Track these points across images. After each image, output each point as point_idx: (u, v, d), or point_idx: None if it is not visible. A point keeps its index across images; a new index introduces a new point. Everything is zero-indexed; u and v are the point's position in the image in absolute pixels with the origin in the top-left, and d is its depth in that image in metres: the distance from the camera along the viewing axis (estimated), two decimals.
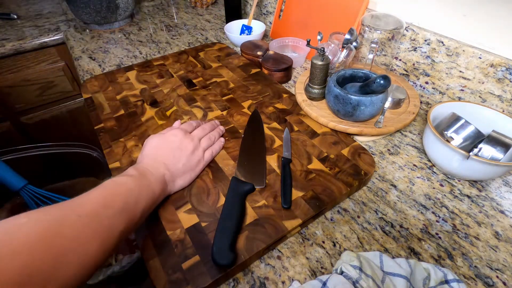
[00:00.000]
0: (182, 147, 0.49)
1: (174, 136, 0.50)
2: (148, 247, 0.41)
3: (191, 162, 0.49)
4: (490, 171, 0.46)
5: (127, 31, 1.09)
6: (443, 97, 0.67)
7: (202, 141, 0.53)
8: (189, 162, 0.49)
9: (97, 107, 0.68)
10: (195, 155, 0.50)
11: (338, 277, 0.36)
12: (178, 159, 0.48)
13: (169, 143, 0.49)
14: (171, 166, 0.47)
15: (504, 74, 0.56)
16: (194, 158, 0.50)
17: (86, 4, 0.99)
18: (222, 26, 1.11)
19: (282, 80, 0.78)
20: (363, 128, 0.57)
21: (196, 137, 0.52)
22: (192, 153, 0.49)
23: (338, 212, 0.48)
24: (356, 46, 0.67)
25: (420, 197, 0.50)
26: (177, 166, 0.47)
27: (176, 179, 0.47)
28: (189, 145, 0.50)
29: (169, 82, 0.75)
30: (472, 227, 0.45)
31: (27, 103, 1.16)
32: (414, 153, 0.58)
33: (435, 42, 0.65)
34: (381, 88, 0.52)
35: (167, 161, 0.47)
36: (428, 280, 0.38)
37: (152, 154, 0.47)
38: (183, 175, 0.48)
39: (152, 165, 0.45)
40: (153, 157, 0.47)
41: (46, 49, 1.09)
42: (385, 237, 0.44)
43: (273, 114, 0.64)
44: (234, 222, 0.42)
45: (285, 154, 0.54)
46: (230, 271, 0.39)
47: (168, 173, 0.46)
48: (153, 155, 0.47)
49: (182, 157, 0.48)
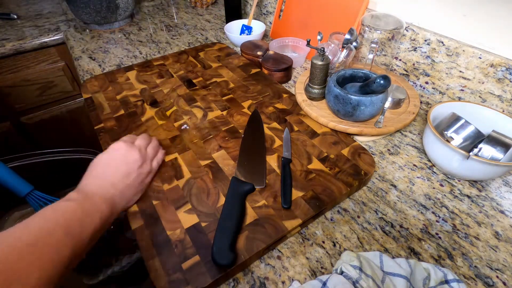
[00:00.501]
0: (130, 160, 0.46)
1: (118, 150, 0.46)
2: (148, 247, 0.41)
3: (141, 175, 0.47)
4: (490, 171, 0.46)
5: (127, 31, 1.09)
6: (443, 97, 0.67)
7: (148, 150, 0.50)
8: (139, 175, 0.46)
9: (97, 107, 0.68)
10: (144, 167, 0.47)
11: (338, 277, 0.36)
12: (126, 175, 0.45)
13: (114, 159, 0.46)
14: (120, 184, 0.44)
15: (504, 74, 0.56)
16: (144, 170, 0.47)
17: (86, 4, 0.99)
18: (222, 26, 1.11)
19: (282, 80, 0.78)
20: (363, 128, 0.57)
21: (142, 147, 0.49)
22: (141, 165, 0.47)
23: (338, 212, 0.48)
24: (356, 46, 0.67)
25: (420, 197, 0.50)
26: (126, 182, 0.44)
27: (127, 196, 0.45)
28: (137, 157, 0.47)
29: (169, 82, 0.75)
30: (472, 227, 0.45)
31: (27, 103, 1.16)
32: (414, 153, 0.58)
33: (435, 42, 0.65)
34: (381, 88, 0.52)
35: (115, 179, 0.44)
36: (428, 280, 0.38)
37: (99, 174, 0.44)
38: (134, 190, 0.46)
39: (99, 186, 0.42)
40: (100, 176, 0.44)
41: (46, 49, 1.09)
42: (385, 237, 0.44)
43: (273, 114, 0.64)
44: (234, 222, 0.42)
45: (285, 154, 0.54)
46: (230, 271, 0.39)
47: (116, 192, 0.43)
48: (100, 174, 0.44)
49: (131, 172, 0.45)
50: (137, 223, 0.44)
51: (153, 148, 0.51)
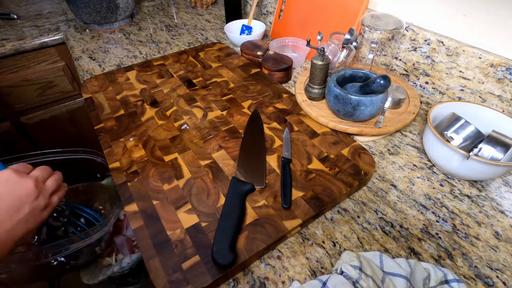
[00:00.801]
0: (21, 193, 0.40)
1: (6, 181, 0.40)
2: (148, 247, 0.41)
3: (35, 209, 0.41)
4: (490, 171, 0.46)
5: (127, 31, 1.09)
6: (443, 97, 0.67)
7: (47, 183, 0.45)
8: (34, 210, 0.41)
9: (97, 107, 0.68)
10: (39, 199, 0.42)
11: (338, 277, 0.36)
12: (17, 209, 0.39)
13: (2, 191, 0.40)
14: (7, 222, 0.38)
15: (504, 74, 0.56)
16: (40, 203, 0.42)
17: (86, 4, 0.99)
18: (222, 26, 1.11)
19: (282, 80, 0.78)
20: (363, 128, 0.57)
21: (39, 178, 0.44)
22: (36, 198, 0.41)
23: (338, 212, 0.48)
24: (356, 46, 0.67)
25: (420, 197, 0.50)
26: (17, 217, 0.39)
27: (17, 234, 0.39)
28: (31, 189, 0.41)
29: (169, 82, 0.75)
30: (472, 227, 0.45)
31: (27, 103, 1.16)
32: (414, 153, 0.58)
33: (435, 42, 0.65)
34: (381, 88, 0.52)
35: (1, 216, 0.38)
36: (428, 280, 0.38)
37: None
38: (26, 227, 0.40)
39: None
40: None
41: (46, 49, 1.09)
42: (385, 237, 0.44)
43: (273, 114, 0.64)
44: (234, 222, 0.42)
45: (285, 154, 0.54)
46: (230, 271, 0.39)
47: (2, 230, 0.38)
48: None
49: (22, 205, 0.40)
50: (137, 223, 0.44)
51: (55, 181, 0.46)
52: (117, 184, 0.50)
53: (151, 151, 0.56)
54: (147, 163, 0.54)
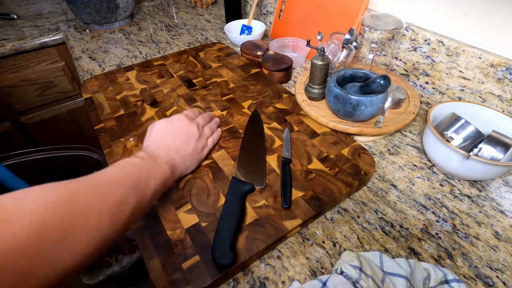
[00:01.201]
0: (189, 133, 0.51)
1: (181, 122, 0.51)
2: (148, 247, 0.41)
3: (197, 147, 0.51)
4: (490, 171, 0.46)
5: (127, 31, 1.09)
6: (443, 97, 0.67)
7: (205, 129, 0.55)
8: (196, 148, 0.51)
9: (97, 107, 0.68)
10: (200, 141, 0.52)
11: (338, 277, 0.36)
12: (186, 144, 0.49)
13: (177, 128, 0.50)
14: (181, 151, 0.48)
15: (504, 74, 0.56)
16: (200, 144, 0.52)
17: (86, 4, 0.99)
18: (222, 26, 1.11)
19: (282, 80, 0.78)
20: (363, 128, 0.57)
21: (200, 125, 0.54)
22: (198, 139, 0.51)
23: (338, 212, 0.48)
24: (356, 46, 0.67)
25: (420, 197, 0.50)
26: (187, 150, 0.49)
27: (186, 163, 0.49)
28: (195, 132, 0.51)
29: (169, 82, 0.75)
30: (472, 227, 0.45)
31: (27, 103, 1.16)
32: (414, 153, 0.58)
33: (435, 42, 0.65)
34: (381, 88, 0.52)
35: (176, 145, 0.48)
36: (428, 280, 0.38)
37: (161, 139, 0.48)
38: (192, 159, 0.50)
39: (162, 149, 0.46)
40: (162, 141, 0.48)
41: (46, 49, 1.09)
42: (385, 237, 0.44)
43: (273, 114, 0.64)
44: (234, 222, 0.42)
45: (285, 154, 0.54)
46: (230, 271, 0.39)
47: (177, 157, 0.47)
48: (162, 139, 0.48)
49: (190, 143, 0.50)
50: (137, 223, 0.44)
51: (210, 128, 0.56)
52: None
53: None
54: None
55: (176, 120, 0.51)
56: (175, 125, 0.51)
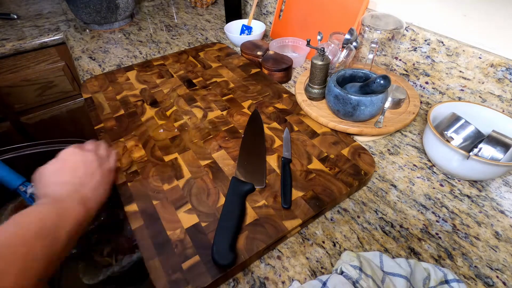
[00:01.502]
0: (88, 162, 0.47)
1: (74, 155, 0.47)
2: (148, 247, 0.41)
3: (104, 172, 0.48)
4: (490, 171, 0.46)
5: (127, 31, 1.09)
6: (443, 97, 0.67)
7: (100, 151, 0.51)
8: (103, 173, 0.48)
9: (97, 107, 0.68)
10: (103, 165, 0.49)
11: (338, 277, 0.36)
12: (92, 174, 0.46)
13: (72, 163, 0.46)
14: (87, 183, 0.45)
15: (504, 74, 0.56)
16: (105, 167, 0.49)
17: (86, 4, 0.99)
18: (222, 26, 1.11)
19: (282, 80, 0.78)
20: (363, 128, 0.57)
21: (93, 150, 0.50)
22: (100, 165, 0.48)
23: (338, 212, 0.48)
24: (356, 46, 0.67)
25: (420, 197, 0.50)
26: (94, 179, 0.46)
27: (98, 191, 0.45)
28: (93, 158, 0.48)
29: (169, 82, 0.75)
30: (472, 227, 0.45)
31: (27, 103, 1.16)
32: (414, 153, 0.58)
33: (435, 42, 0.65)
34: (381, 88, 0.52)
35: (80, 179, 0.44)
36: (428, 280, 0.38)
37: (59, 180, 0.44)
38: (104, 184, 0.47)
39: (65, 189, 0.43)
40: (61, 181, 0.44)
41: (46, 49, 1.09)
42: (385, 237, 0.44)
43: (273, 114, 0.64)
44: (234, 222, 0.42)
45: (285, 154, 0.54)
46: (230, 271, 0.39)
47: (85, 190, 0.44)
48: (60, 179, 0.44)
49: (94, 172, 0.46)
50: (137, 223, 0.44)
51: (103, 149, 0.52)
52: (117, 184, 0.50)
53: (151, 151, 0.56)
54: (147, 163, 0.54)
55: (67, 156, 0.47)
56: (68, 161, 0.46)
